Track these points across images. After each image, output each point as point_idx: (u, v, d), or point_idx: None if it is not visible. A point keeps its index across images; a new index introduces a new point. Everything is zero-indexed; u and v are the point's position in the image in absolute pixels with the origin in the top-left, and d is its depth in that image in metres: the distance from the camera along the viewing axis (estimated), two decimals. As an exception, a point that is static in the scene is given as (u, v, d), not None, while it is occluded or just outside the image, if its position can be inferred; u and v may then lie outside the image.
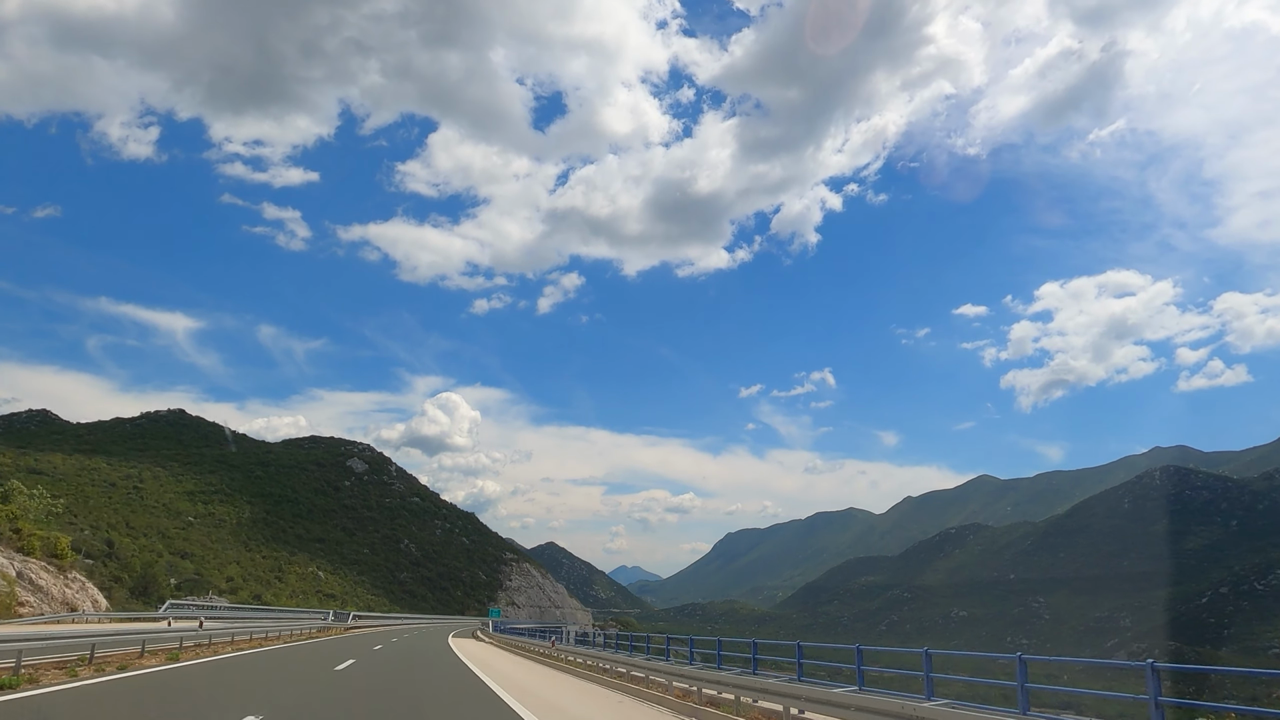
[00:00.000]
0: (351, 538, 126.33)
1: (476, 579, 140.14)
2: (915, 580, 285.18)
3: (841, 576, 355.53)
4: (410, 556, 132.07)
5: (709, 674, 15.79)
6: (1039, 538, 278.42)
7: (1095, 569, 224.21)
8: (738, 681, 14.69)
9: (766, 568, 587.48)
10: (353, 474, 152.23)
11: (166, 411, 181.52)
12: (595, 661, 25.72)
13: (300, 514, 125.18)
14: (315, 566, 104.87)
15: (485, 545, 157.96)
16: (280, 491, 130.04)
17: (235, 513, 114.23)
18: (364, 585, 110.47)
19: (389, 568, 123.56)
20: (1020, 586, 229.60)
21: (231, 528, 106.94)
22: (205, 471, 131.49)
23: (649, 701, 17.05)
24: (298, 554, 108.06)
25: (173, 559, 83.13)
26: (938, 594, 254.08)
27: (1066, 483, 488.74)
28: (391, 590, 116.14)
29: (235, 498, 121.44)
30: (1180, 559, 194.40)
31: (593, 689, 20.30)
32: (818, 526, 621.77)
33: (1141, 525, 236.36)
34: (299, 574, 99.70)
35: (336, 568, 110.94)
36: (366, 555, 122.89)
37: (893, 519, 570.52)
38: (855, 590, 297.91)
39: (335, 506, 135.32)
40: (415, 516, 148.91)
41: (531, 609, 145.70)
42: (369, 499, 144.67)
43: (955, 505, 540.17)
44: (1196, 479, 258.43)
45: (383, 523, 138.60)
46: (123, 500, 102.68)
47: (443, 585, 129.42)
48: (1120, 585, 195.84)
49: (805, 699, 12.14)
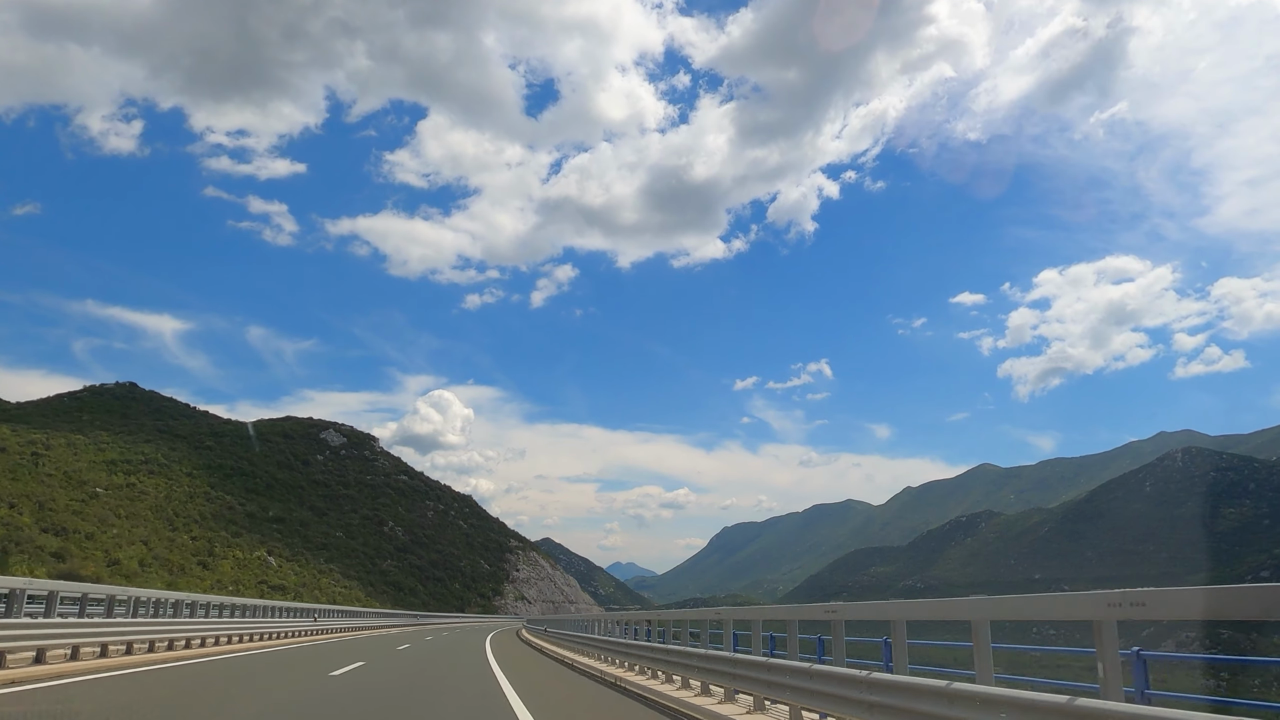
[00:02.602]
0: (321, 518, 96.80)
1: (478, 569, 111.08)
2: (928, 571, 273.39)
3: (847, 569, 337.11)
4: (396, 541, 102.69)
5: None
6: (1056, 524, 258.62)
7: (1122, 554, 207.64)
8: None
9: (765, 561, 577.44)
10: (327, 447, 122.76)
11: (114, 385, 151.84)
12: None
13: (255, 489, 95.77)
14: (265, 550, 75.85)
15: (486, 531, 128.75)
16: (232, 464, 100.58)
17: (165, 486, 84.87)
18: (332, 574, 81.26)
19: (367, 554, 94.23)
20: (1044, 575, 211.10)
21: (154, 503, 77.69)
22: (140, 441, 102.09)
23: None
24: (243, 535, 78.88)
25: (36, 533, 54.52)
26: (956, 586, 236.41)
27: (1070, 470, 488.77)
28: (370, 581, 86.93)
29: (170, 470, 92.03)
30: (1212, 542, 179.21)
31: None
32: (815, 519, 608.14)
33: (1166, 509, 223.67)
34: (239, 559, 70.63)
35: (296, 553, 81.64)
36: (339, 539, 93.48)
37: (893, 510, 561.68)
38: (865, 582, 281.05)
39: (303, 483, 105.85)
40: (403, 496, 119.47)
41: (544, 604, 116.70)
42: (346, 475, 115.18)
43: (956, 494, 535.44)
44: (1221, 460, 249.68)
45: (362, 502, 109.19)
46: (4, 468, 73.92)
47: (436, 576, 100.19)
48: (1150, 571, 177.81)
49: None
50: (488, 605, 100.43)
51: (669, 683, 13.88)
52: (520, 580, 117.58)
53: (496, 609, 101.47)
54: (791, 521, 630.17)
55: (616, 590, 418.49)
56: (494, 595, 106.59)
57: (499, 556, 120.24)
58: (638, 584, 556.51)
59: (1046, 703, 4.77)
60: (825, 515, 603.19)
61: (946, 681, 6.02)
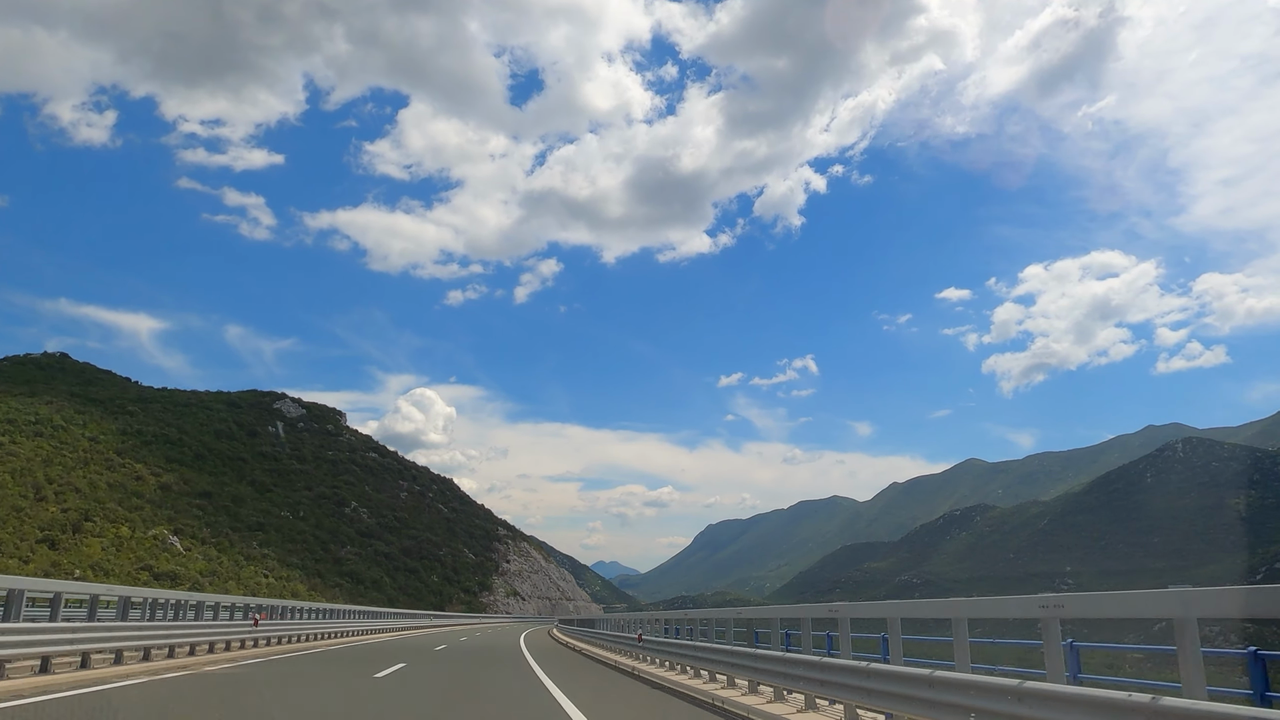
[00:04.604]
0: (263, 495, 74.77)
1: (461, 559, 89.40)
2: (924, 566, 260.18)
3: (838, 565, 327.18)
4: (359, 525, 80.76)
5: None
6: (1055, 516, 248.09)
7: (1124, 546, 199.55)
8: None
9: (751, 558, 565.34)
10: (283, 417, 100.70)
11: (40, 355, 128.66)
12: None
13: (181, 460, 73.78)
14: (168, 529, 54.18)
15: (471, 517, 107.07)
16: (152, 430, 78.47)
17: (50, 451, 62.89)
18: (266, 561, 59.57)
19: (320, 538, 72.30)
20: (1044, 569, 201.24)
21: (20, 466, 55.76)
22: (39, 404, 79.96)
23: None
24: (142, 509, 57.18)
25: None
26: (955, 580, 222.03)
27: (1058, 464, 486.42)
28: (320, 571, 65.11)
29: (67, 433, 69.97)
30: (1220, 533, 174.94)
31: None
32: (801, 515, 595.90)
33: (1168, 499, 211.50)
34: (122, 538, 49.03)
35: (219, 534, 59.97)
36: (284, 520, 71.57)
37: (879, 506, 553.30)
38: (859, 578, 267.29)
39: (246, 454, 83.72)
40: (371, 475, 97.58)
41: (540, 601, 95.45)
42: (301, 450, 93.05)
43: (944, 490, 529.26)
44: (1223, 450, 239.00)
45: (320, 479, 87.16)
46: None
47: (409, 566, 78.29)
48: (1155, 563, 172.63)
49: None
50: (473, 602, 78.99)
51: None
52: (512, 573, 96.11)
53: (485, 606, 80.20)
54: (777, 518, 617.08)
55: (604, 589, 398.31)
56: (481, 590, 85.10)
57: (486, 545, 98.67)
58: (622, 583, 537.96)
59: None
60: (811, 512, 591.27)
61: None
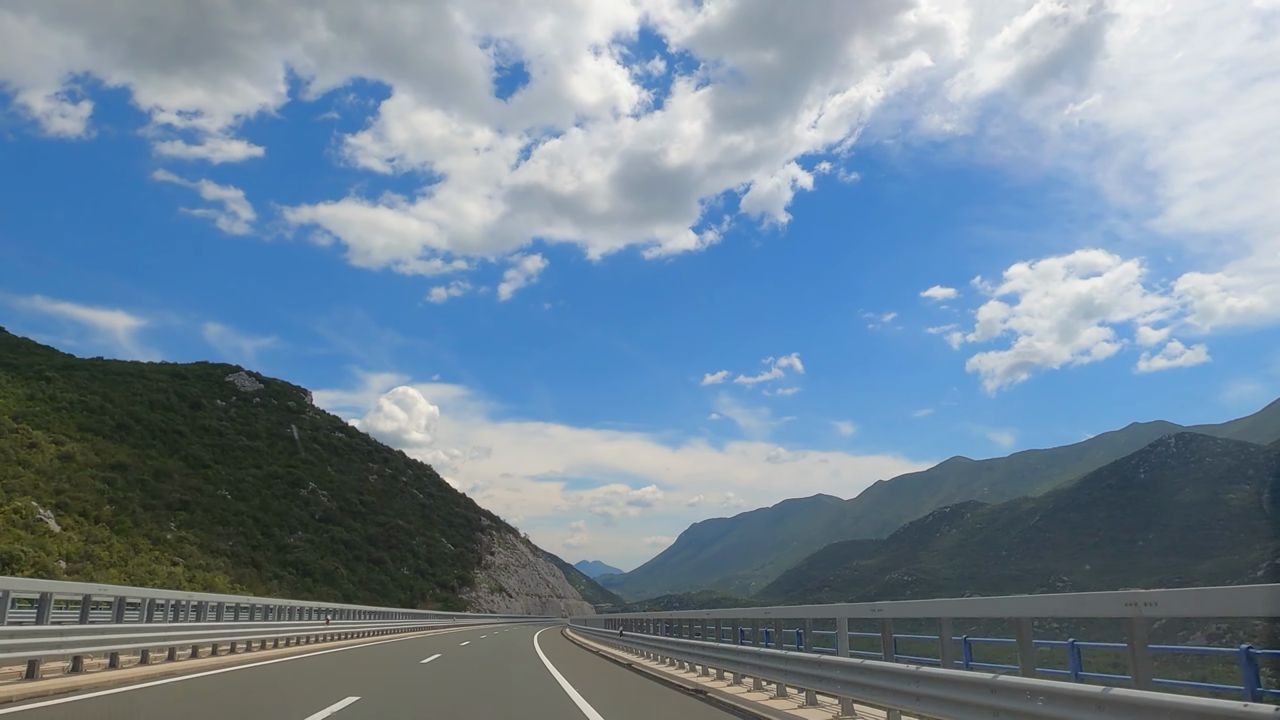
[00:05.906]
0: (196, 472, 61.38)
1: (438, 550, 76.09)
2: (914, 563, 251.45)
3: (826, 562, 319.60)
4: (318, 508, 67.30)
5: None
6: (1048, 513, 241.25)
7: (1122, 544, 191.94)
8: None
9: (736, 557, 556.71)
10: (236, 392, 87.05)
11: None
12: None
13: (99, 430, 60.28)
14: (48, 503, 40.82)
15: (450, 504, 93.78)
16: (69, 397, 64.88)
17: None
18: (183, 548, 46.26)
19: (265, 521, 58.87)
20: (1039, 566, 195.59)
21: None
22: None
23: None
24: (20, 478, 43.78)
25: None
26: (947, 579, 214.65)
27: (1043, 461, 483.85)
28: (258, 561, 51.74)
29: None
30: (1217, 528, 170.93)
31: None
32: (786, 514, 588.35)
33: (1162, 495, 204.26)
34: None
35: (124, 513, 46.65)
36: (220, 499, 58.21)
37: (864, 504, 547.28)
38: (848, 576, 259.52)
39: (186, 427, 70.15)
40: (335, 455, 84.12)
41: (529, 598, 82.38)
42: (254, 425, 79.42)
43: (930, 487, 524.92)
44: (1216, 445, 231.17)
45: (273, 457, 73.66)
46: None
47: (373, 556, 64.78)
48: (1152, 560, 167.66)
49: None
50: (451, 599, 65.78)
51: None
52: (496, 567, 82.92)
53: (465, 604, 67.06)
54: (762, 517, 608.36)
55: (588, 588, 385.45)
56: (461, 585, 71.96)
57: (467, 535, 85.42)
58: (607, 582, 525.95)
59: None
60: (796, 510, 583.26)
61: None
